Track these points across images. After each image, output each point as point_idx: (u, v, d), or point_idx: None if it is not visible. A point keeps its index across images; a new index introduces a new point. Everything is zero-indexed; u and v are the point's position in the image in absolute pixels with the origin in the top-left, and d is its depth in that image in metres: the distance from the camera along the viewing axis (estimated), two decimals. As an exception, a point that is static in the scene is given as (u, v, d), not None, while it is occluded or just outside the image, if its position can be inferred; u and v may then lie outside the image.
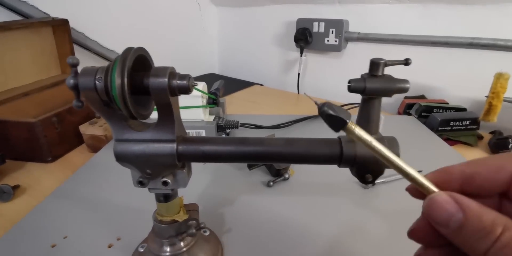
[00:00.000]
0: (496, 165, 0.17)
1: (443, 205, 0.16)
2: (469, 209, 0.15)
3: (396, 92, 0.24)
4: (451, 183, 0.18)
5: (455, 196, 0.16)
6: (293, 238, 0.38)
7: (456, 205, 0.16)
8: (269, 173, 0.51)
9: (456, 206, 0.16)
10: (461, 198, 0.16)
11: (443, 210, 0.16)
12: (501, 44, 0.68)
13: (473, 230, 0.15)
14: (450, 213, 0.16)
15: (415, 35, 0.79)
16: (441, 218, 0.16)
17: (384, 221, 0.41)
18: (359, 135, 0.18)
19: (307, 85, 1.07)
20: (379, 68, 0.23)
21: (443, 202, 0.16)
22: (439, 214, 0.16)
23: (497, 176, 0.17)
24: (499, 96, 0.60)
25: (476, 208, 0.15)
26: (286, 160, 0.25)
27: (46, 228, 0.39)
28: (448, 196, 0.16)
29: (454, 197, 0.16)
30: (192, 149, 0.26)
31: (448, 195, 0.16)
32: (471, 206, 0.16)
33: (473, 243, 0.15)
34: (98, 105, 0.24)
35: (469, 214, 0.15)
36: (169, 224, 0.30)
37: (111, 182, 0.49)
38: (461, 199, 0.16)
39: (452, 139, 0.66)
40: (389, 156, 0.18)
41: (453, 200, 0.16)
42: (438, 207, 0.16)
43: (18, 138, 0.56)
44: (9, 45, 0.67)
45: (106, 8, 0.90)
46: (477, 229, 0.15)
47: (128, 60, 0.23)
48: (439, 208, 0.16)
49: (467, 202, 0.16)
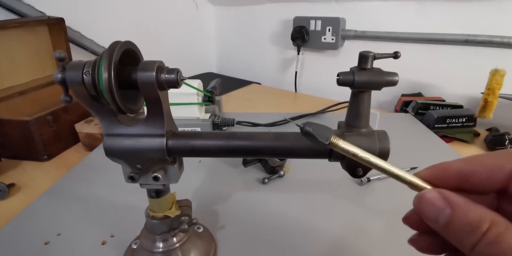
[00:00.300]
0: (494, 163, 0.17)
1: (431, 201, 0.17)
2: (457, 205, 0.16)
3: (385, 85, 0.23)
4: (448, 180, 0.18)
5: (443, 192, 0.17)
6: (288, 234, 0.38)
7: (445, 201, 0.16)
8: (264, 170, 0.51)
9: (444, 202, 0.16)
10: (449, 194, 0.16)
11: (431, 206, 0.16)
12: (497, 41, 0.68)
13: (461, 225, 0.15)
14: (438, 209, 0.16)
15: (411, 32, 0.79)
16: (430, 214, 0.16)
17: (379, 217, 0.41)
18: (344, 147, 0.19)
19: (304, 83, 1.07)
20: (368, 61, 0.23)
21: (432, 198, 0.17)
22: (428, 210, 0.17)
23: (494, 174, 0.17)
24: (494, 92, 0.60)
25: (463, 204, 0.16)
26: (276, 154, 0.25)
27: (40, 226, 0.39)
28: (436, 192, 0.17)
29: (442, 193, 0.17)
30: (181, 144, 0.26)
31: (436, 191, 0.17)
32: (458, 202, 0.16)
33: (461, 238, 0.15)
34: (87, 99, 0.24)
35: (457, 210, 0.16)
36: (161, 220, 0.30)
37: (105, 180, 0.49)
38: (449, 196, 0.16)
39: (449, 136, 0.66)
40: (377, 163, 0.19)
41: (441, 196, 0.16)
42: (427, 203, 0.17)
43: (13, 136, 0.56)
44: (4, 44, 0.67)
45: (102, 7, 0.89)
46: (464, 225, 0.15)
47: (115, 54, 0.23)
48: (428, 205, 0.17)
49: (455, 198, 0.16)
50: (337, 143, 0.19)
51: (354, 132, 0.25)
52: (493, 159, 0.17)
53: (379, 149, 0.24)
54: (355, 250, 0.36)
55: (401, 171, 0.18)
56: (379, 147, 0.24)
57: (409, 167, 0.51)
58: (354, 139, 0.24)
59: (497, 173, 0.17)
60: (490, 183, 0.17)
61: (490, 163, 0.17)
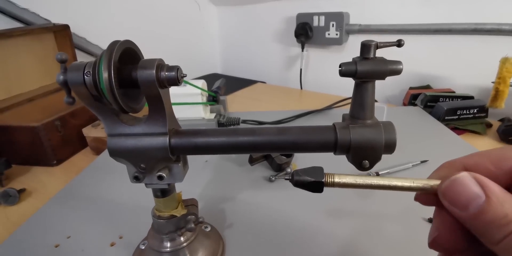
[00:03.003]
0: (498, 155, 0.16)
1: (467, 186, 0.15)
2: (493, 193, 0.14)
3: (389, 74, 0.23)
4: None
5: (478, 177, 0.15)
6: (296, 233, 0.37)
7: (480, 188, 0.15)
8: (271, 168, 0.50)
9: (480, 188, 0.15)
10: (485, 180, 0.15)
11: (465, 191, 0.15)
12: (506, 29, 0.66)
13: (493, 217, 0.14)
14: (472, 195, 0.15)
15: (417, 24, 0.78)
16: (460, 200, 0.15)
17: (389, 214, 0.40)
18: (341, 182, 0.19)
19: (310, 80, 1.06)
20: (370, 50, 0.23)
21: (468, 183, 0.15)
22: (459, 194, 0.15)
23: (500, 166, 0.16)
24: (505, 81, 0.58)
25: (500, 193, 0.14)
26: (280, 149, 0.25)
27: (50, 229, 0.40)
28: (472, 177, 0.15)
29: (478, 178, 0.15)
30: (184, 141, 0.25)
31: (472, 176, 0.15)
32: (495, 191, 0.14)
33: (490, 230, 0.14)
34: (89, 100, 0.24)
35: (492, 199, 0.14)
36: (168, 219, 0.30)
37: (112, 182, 0.49)
38: (485, 182, 0.15)
39: (460, 128, 0.65)
40: (382, 183, 0.18)
41: (477, 181, 0.15)
42: (461, 188, 0.15)
43: (23, 142, 0.57)
44: (12, 52, 0.68)
45: (106, 12, 0.90)
46: (498, 217, 0.14)
47: (114, 53, 0.23)
48: (461, 189, 0.15)
49: (491, 185, 0.15)
50: (333, 181, 0.19)
51: (359, 124, 0.24)
52: (498, 151, 0.17)
53: (386, 140, 0.23)
54: (366, 250, 0.35)
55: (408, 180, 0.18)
56: (385, 139, 0.23)
57: (420, 161, 0.50)
58: (359, 131, 0.23)
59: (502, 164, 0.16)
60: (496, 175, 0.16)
61: (495, 154, 0.17)
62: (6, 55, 0.66)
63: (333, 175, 0.19)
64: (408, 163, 0.49)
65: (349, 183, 0.18)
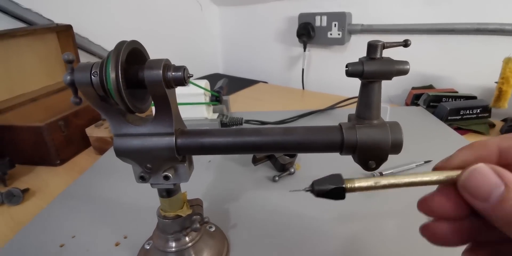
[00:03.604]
0: None
1: (486, 176, 0.15)
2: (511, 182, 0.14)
3: (396, 74, 0.23)
4: (488, 158, 0.17)
5: (495, 168, 0.15)
6: (300, 233, 0.38)
7: (498, 178, 0.15)
8: (274, 168, 0.50)
9: (498, 178, 0.15)
10: (503, 170, 0.15)
11: (485, 181, 0.15)
12: (509, 29, 0.66)
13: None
14: (492, 185, 0.15)
15: (419, 23, 0.78)
16: (481, 190, 0.15)
17: (393, 214, 0.40)
18: (362, 186, 0.18)
19: (312, 80, 1.06)
20: (377, 50, 0.23)
21: (487, 173, 0.15)
22: (479, 185, 0.15)
23: None
24: (508, 81, 0.58)
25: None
26: (285, 149, 0.25)
27: (55, 229, 0.40)
28: (490, 168, 0.15)
29: (495, 169, 0.15)
30: (190, 142, 0.25)
31: (489, 167, 0.15)
32: None
33: None
34: (96, 100, 0.24)
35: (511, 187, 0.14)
36: (173, 219, 0.30)
37: (116, 182, 0.49)
38: (503, 172, 0.15)
39: (463, 128, 0.65)
40: (402, 181, 0.18)
41: (495, 172, 0.15)
42: (480, 178, 0.15)
43: (26, 142, 0.57)
44: (15, 52, 0.68)
45: (109, 13, 0.91)
46: None
47: (121, 53, 0.23)
48: (481, 180, 0.15)
49: (507, 174, 0.15)
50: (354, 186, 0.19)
51: (365, 124, 0.24)
52: None
53: (392, 140, 0.23)
54: (371, 249, 0.35)
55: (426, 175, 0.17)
56: (392, 139, 0.23)
57: (423, 161, 0.50)
58: (365, 131, 0.24)
59: None
60: None
61: None
62: (9, 55, 0.67)
63: (352, 180, 0.18)
64: (412, 163, 0.49)
65: (370, 186, 0.18)
